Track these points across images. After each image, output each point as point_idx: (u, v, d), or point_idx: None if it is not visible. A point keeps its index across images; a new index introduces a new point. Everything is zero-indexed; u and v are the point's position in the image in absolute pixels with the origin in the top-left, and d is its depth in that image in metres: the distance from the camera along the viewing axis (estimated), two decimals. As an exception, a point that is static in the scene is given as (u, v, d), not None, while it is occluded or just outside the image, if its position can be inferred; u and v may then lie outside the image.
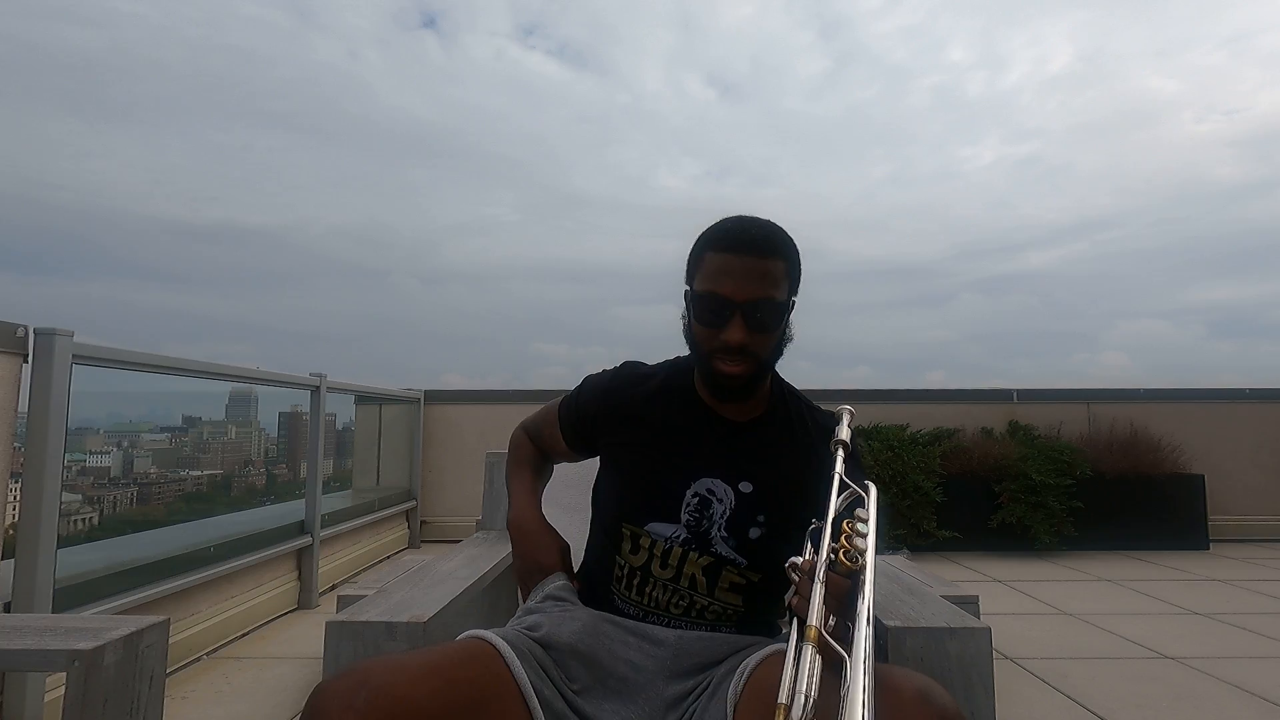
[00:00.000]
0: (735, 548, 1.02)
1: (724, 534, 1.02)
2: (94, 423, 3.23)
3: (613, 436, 1.12)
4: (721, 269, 1.00)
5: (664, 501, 1.04)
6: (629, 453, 1.09)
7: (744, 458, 1.06)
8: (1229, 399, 5.35)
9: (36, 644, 1.04)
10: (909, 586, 1.52)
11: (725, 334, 0.99)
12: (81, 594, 2.01)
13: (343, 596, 2.18)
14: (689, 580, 1.03)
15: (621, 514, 1.07)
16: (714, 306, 1.00)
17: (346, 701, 0.74)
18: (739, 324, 0.98)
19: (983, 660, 1.17)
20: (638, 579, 1.05)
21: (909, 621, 1.23)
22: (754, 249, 1.00)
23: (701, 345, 1.03)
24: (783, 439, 1.09)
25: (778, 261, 1.01)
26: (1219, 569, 4.10)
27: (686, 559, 1.03)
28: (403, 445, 5.13)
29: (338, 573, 3.68)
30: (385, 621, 1.23)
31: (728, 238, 1.02)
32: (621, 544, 1.06)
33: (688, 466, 1.05)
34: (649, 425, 1.09)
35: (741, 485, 1.04)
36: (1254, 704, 2.13)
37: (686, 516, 1.03)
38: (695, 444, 1.07)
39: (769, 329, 1.01)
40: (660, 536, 1.03)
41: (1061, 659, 2.52)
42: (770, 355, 1.05)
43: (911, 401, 5.27)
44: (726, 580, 1.03)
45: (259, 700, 2.13)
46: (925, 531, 4.51)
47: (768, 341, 1.02)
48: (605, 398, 1.15)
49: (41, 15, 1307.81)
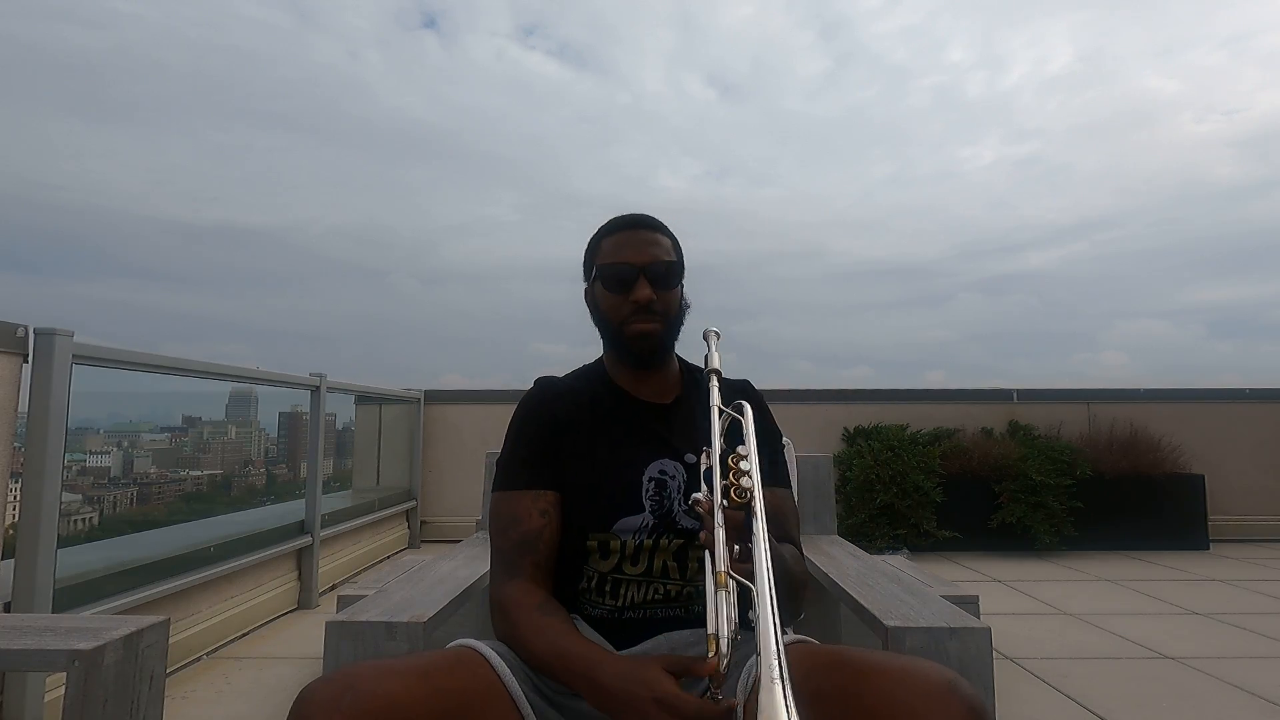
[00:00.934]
0: (697, 516, 1.03)
1: (685, 507, 1.07)
2: (94, 423, 3.23)
3: (562, 450, 1.11)
4: (620, 244, 1.13)
5: (626, 496, 1.07)
6: (579, 462, 1.10)
7: (680, 433, 1.12)
8: (1229, 399, 5.35)
9: (36, 644, 1.04)
10: (909, 586, 1.52)
11: (634, 294, 1.09)
12: (81, 594, 2.01)
13: (343, 596, 2.18)
14: (660, 570, 1.06)
15: (586, 524, 1.07)
16: (620, 274, 1.11)
17: (333, 704, 0.74)
18: (644, 283, 1.10)
19: (983, 660, 1.17)
20: (609, 584, 1.06)
21: (909, 621, 1.23)
22: (643, 224, 1.16)
23: (612, 316, 1.12)
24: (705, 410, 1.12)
25: (665, 237, 1.16)
26: (1219, 569, 4.10)
27: (656, 550, 1.05)
28: (403, 445, 5.13)
29: (338, 573, 3.68)
30: (385, 621, 1.23)
31: (618, 222, 1.17)
32: (590, 556, 1.07)
33: (637, 456, 1.09)
34: (589, 429, 1.12)
35: (687, 458, 1.09)
36: (1254, 704, 2.13)
37: (649, 503, 1.07)
38: (635, 433, 1.12)
39: (670, 284, 1.13)
40: (629, 532, 1.05)
41: (1061, 659, 2.52)
42: (675, 315, 1.14)
43: (911, 401, 5.27)
44: (694, 558, 1.06)
45: (259, 700, 2.13)
46: (925, 531, 4.50)
47: (671, 299, 1.13)
48: (540, 414, 1.14)
49: (43, 16, 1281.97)
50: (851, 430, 5.08)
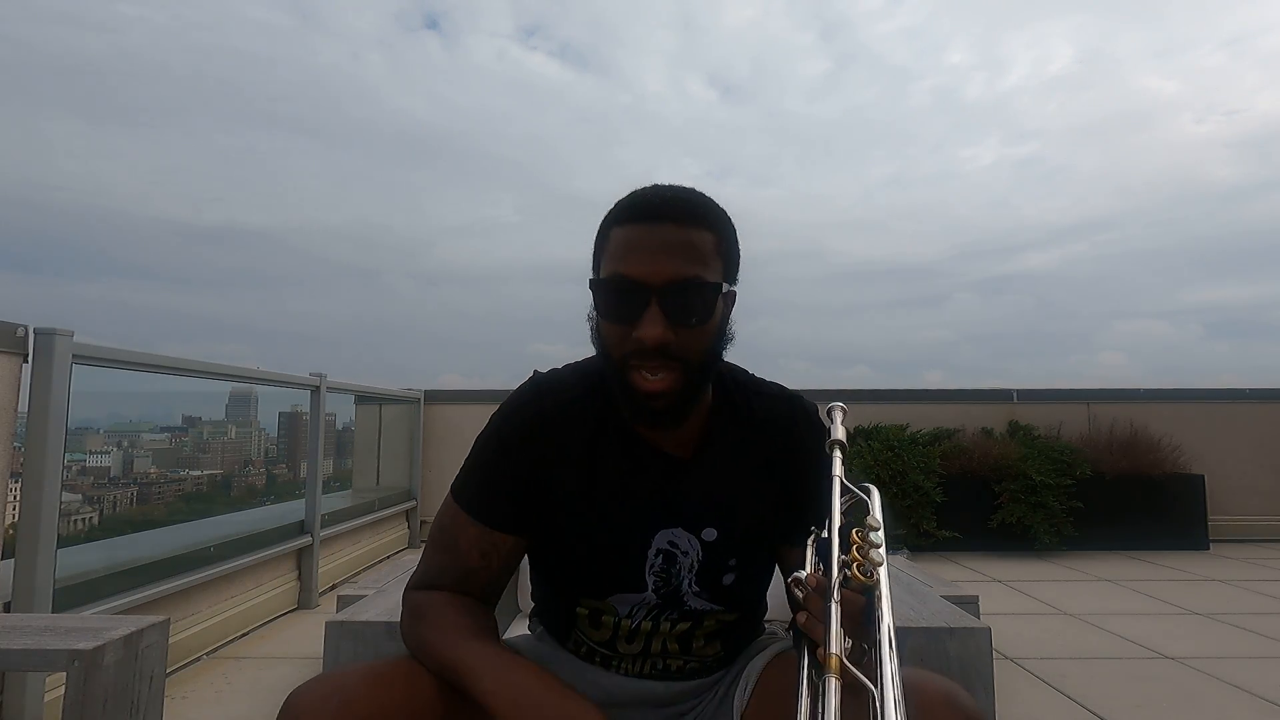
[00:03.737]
0: (710, 598, 0.88)
1: (695, 588, 0.87)
2: (94, 423, 3.23)
3: (544, 490, 0.87)
4: (630, 244, 0.77)
5: (626, 568, 0.86)
6: (575, 513, 0.86)
7: (701, 501, 0.86)
8: (1229, 399, 5.35)
9: (36, 644, 1.04)
10: (909, 586, 1.52)
11: (640, 329, 0.75)
12: (81, 594, 2.00)
13: (343, 596, 2.17)
14: (660, 649, 0.89)
15: (577, 590, 0.89)
16: (623, 293, 0.76)
17: (321, 707, 0.72)
18: (656, 314, 0.75)
19: (982, 660, 1.17)
20: (598, 657, 0.91)
21: (909, 621, 1.23)
22: (670, 216, 0.77)
23: (612, 351, 0.80)
24: (739, 465, 0.89)
25: (703, 233, 0.78)
26: (1219, 569, 4.10)
27: (656, 631, 0.88)
28: (402, 445, 5.13)
29: (338, 573, 3.68)
30: (385, 621, 1.23)
31: (636, 206, 0.79)
32: (579, 621, 0.91)
33: (643, 523, 0.86)
34: (586, 471, 0.86)
35: (705, 534, 0.86)
36: (1254, 704, 2.13)
37: (653, 579, 0.86)
38: (646, 493, 0.86)
39: (697, 320, 0.77)
40: (626, 607, 0.88)
41: (1061, 659, 2.52)
42: (703, 360, 0.80)
43: (911, 401, 5.28)
44: (702, 635, 0.90)
45: (259, 700, 2.13)
46: (925, 531, 4.51)
47: (697, 340, 0.78)
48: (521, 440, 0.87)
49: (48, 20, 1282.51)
50: (851, 430, 5.08)
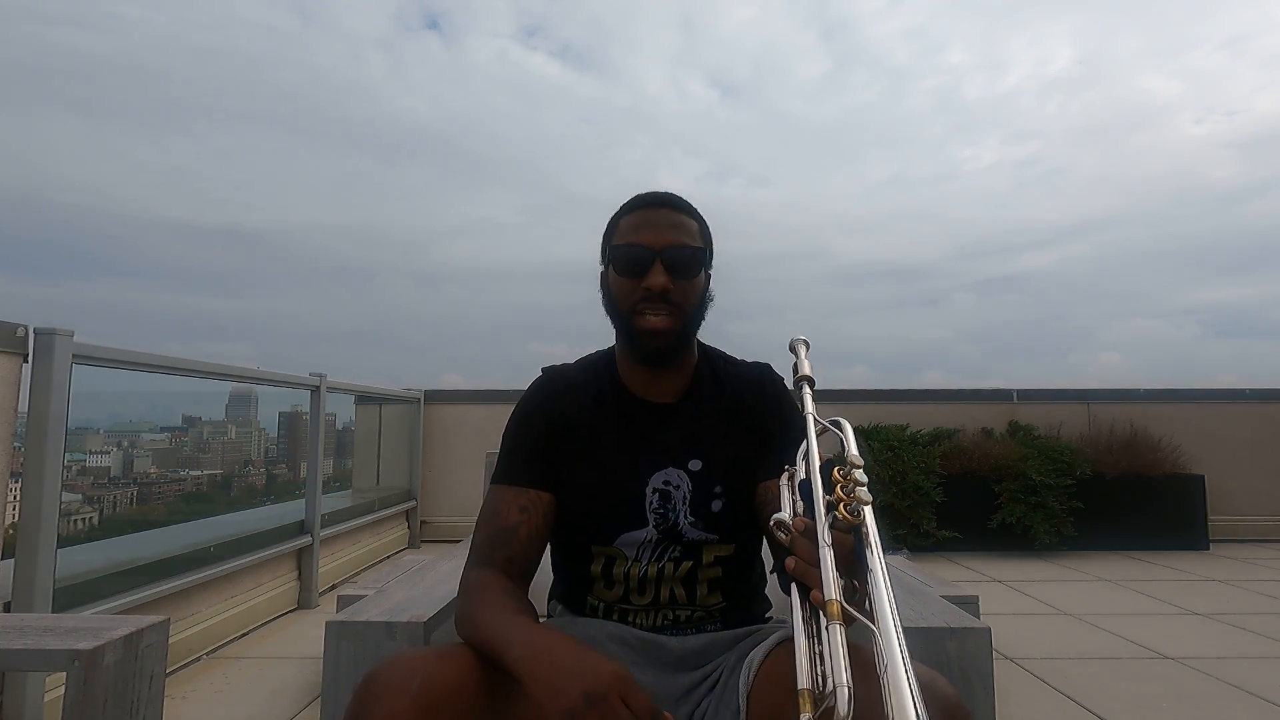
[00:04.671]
0: (704, 527, 1.03)
1: (690, 518, 1.02)
2: (94, 423, 3.23)
3: (559, 451, 1.06)
4: (638, 223, 1.04)
5: (628, 508, 1.03)
6: (582, 467, 1.05)
7: (686, 438, 1.05)
8: (1228, 399, 5.35)
9: (36, 644, 1.04)
10: (909, 587, 1.52)
11: (647, 280, 1.00)
12: (81, 594, 2.01)
13: (343, 596, 2.18)
14: (668, 598, 1.04)
15: (589, 535, 1.04)
16: (634, 255, 1.02)
17: (402, 688, 0.77)
18: (659, 269, 1.00)
19: (982, 660, 1.17)
20: (615, 614, 1.05)
21: (909, 622, 1.23)
22: (666, 203, 1.06)
23: (623, 302, 1.04)
24: (716, 406, 1.08)
25: (690, 219, 1.06)
26: (1219, 569, 4.10)
27: (662, 580, 1.03)
28: (403, 445, 5.13)
29: (338, 573, 3.68)
30: (385, 621, 1.23)
31: (640, 200, 1.08)
32: (594, 583, 1.05)
33: (640, 465, 1.04)
34: (590, 431, 1.06)
35: (691, 464, 1.04)
36: (1254, 704, 2.13)
37: (653, 516, 1.02)
38: (640, 439, 1.05)
39: (689, 274, 1.03)
40: (633, 549, 1.02)
41: (1061, 659, 2.52)
42: (693, 308, 1.05)
43: (911, 401, 5.28)
44: (705, 581, 1.04)
45: (259, 700, 2.13)
46: (925, 531, 4.50)
47: (689, 289, 1.03)
48: (538, 410, 1.08)
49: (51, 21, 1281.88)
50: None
